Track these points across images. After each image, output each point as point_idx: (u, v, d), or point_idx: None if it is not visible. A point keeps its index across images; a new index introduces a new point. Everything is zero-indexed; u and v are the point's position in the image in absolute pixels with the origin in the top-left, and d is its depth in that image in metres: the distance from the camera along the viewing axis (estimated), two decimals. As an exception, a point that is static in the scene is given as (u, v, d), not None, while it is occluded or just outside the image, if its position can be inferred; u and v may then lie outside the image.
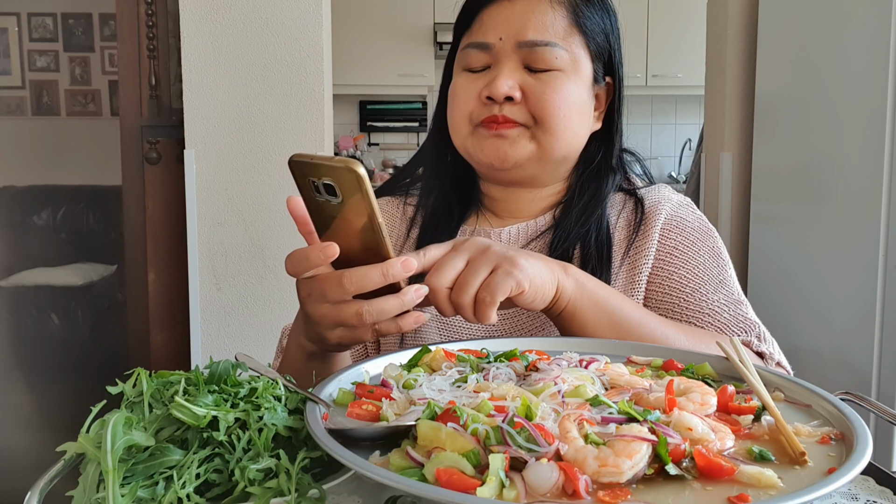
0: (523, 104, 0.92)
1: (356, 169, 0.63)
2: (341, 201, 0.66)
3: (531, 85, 0.92)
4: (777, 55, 2.51)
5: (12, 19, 4.44)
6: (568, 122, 0.93)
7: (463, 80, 0.97)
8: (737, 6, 2.69)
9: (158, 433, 0.54)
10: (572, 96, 0.93)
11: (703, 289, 0.94)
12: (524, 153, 0.93)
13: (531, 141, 0.93)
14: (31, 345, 3.53)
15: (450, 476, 0.44)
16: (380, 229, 0.67)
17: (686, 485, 0.46)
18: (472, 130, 0.95)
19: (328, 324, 0.72)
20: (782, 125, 2.48)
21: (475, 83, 0.95)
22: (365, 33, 4.26)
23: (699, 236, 0.99)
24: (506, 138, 0.93)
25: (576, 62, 0.94)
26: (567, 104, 0.93)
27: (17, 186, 4.07)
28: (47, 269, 3.76)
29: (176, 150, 2.43)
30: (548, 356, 0.69)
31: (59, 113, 4.50)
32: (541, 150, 0.94)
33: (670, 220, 0.99)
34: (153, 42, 2.44)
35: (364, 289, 0.68)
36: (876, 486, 0.56)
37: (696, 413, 0.53)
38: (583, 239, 0.96)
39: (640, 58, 4.65)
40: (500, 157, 0.93)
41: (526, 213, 1.01)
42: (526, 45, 0.92)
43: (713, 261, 0.98)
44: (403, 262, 0.69)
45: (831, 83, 2.21)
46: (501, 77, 0.91)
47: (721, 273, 0.97)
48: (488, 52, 0.94)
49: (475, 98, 0.94)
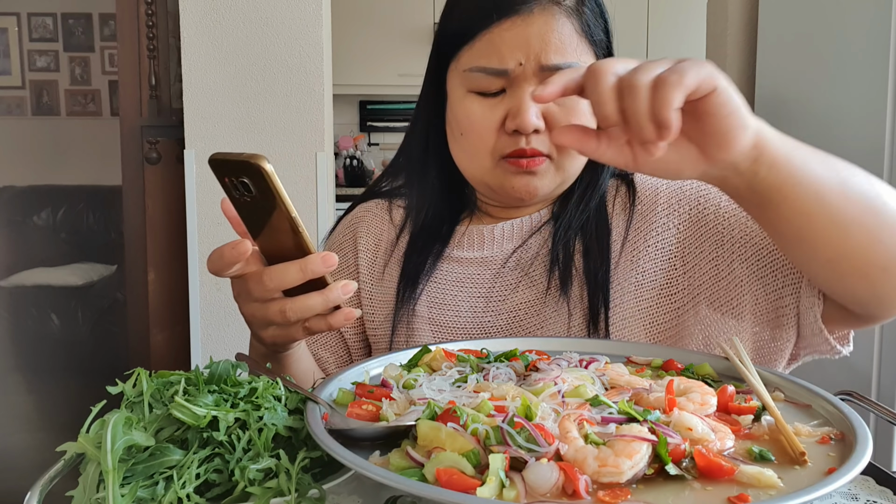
0: (546, 132, 0.87)
1: (260, 163, 0.61)
2: (257, 198, 0.64)
3: (555, 114, 0.87)
4: (777, 55, 2.51)
5: (12, 19, 4.44)
6: None
7: (477, 107, 0.89)
8: (737, 6, 2.69)
9: (158, 433, 0.54)
10: (589, 114, 0.88)
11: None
12: (552, 185, 0.90)
13: (557, 172, 0.89)
14: (31, 345, 3.53)
15: (450, 476, 0.44)
16: (296, 224, 0.65)
17: (686, 485, 0.46)
18: (494, 164, 0.89)
19: (259, 322, 0.71)
20: (782, 125, 2.47)
21: (494, 112, 0.88)
22: (365, 33, 4.26)
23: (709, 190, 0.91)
24: (535, 174, 0.88)
25: None
26: (586, 123, 0.89)
27: (17, 186, 4.07)
28: (47, 269, 3.76)
29: (176, 150, 2.43)
30: (548, 356, 0.70)
31: (59, 113, 4.50)
32: (564, 175, 0.91)
33: (674, 193, 0.92)
34: (153, 42, 2.44)
35: (285, 285, 0.67)
36: (876, 486, 0.56)
37: (696, 413, 0.53)
38: (583, 228, 0.92)
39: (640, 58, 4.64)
40: (531, 192, 0.89)
41: (523, 210, 0.97)
42: (549, 69, 0.85)
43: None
44: (324, 256, 0.67)
45: (831, 83, 2.21)
46: (528, 108, 0.85)
47: None
48: (505, 78, 0.87)
49: (496, 129, 0.88)
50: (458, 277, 0.94)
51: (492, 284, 0.92)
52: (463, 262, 0.95)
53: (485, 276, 0.93)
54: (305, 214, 2.28)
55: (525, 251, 0.93)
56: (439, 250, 0.96)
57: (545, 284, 0.90)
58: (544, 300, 0.89)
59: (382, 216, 1.03)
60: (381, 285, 0.98)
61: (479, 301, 0.92)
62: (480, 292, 0.92)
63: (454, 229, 0.98)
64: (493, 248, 0.94)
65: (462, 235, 0.97)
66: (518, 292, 0.91)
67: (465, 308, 0.92)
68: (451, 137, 0.94)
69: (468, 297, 0.93)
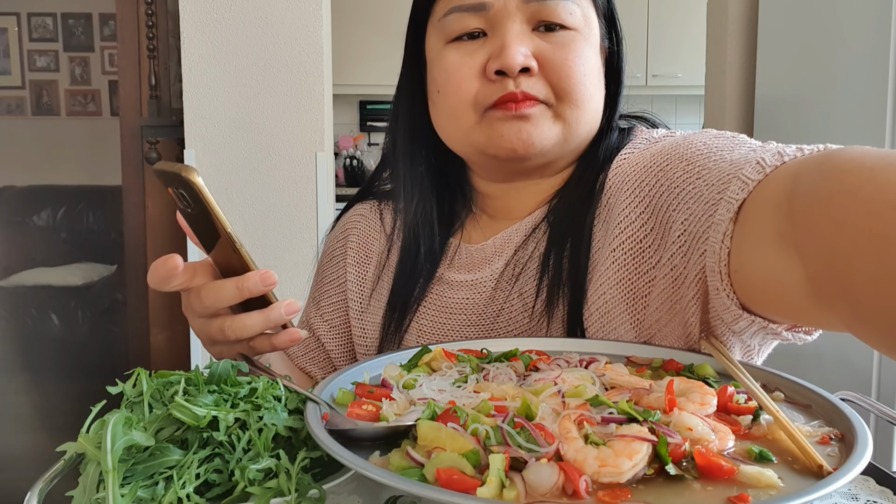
0: (540, 75, 0.76)
1: (189, 176, 0.58)
2: (196, 210, 0.62)
3: (547, 51, 0.75)
4: (777, 55, 2.51)
5: (12, 19, 4.44)
6: (591, 93, 0.78)
7: (455, 55, 0.78)
8: (737, 6, 2.69)
9: (158, 433, 0.54)
10: (591, 61, 0.78)
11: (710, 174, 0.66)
12: (551, 136, 0.77)
13: (556, 121, 0.77)
14: (31, 345, 3.53)
15: (450, 476, 0.44)
16: (231, 239, 0.62)
17: (686, 485, 0.46)
18: (479, 118, 0.78)
19: (204, 338, 0.69)
20: (782, 125, 2.48)
21: (473, 57, 0.77)
22: (365, 33, 4.26)
23: (665, 150, 0.75)
24: (528, 119, 0.75)
25: (587, 20, 0.78)
26: (588, 71, 0.77)
27: (17, 186, 4.07)
28: (47, 269, 3.76)
29: (176, 150, 2.43)
30: (548, 356, 0.69)
31: (59, 113, 4.50)
32: (567, 129, 0.78)
33: (614, 168, 0.79)
34: (153, 42, 2.44)
35: (221, 302, 0.64)
36: (876, 487, 0.56)
37: (696, 413, 0.53)
38: (575, 230, 0.79)
39: (640, 58, 4.64)
40: (525, 141, 0.76)
41: (524, 209, 0.86)
42: (535, 0, 0.75)
43: (701, 148, 0.71)
44: (263, 275, 0.63)
45: (831, 83, 2.21)
46: (512, 43, 0.74)
47: (728, 144, 0.70)
48: (482, 15, 0.76)
49: (477, 75, 0.77)
50: (448, 303, 0.85)
51: (483, 310, 0.83)
52: (454, 285, 0.85)
53: (476, 300, 0.84)
54: (305, 214, 2.28)
55: (515, 264, 0.83)
56: (430, 271, 0.87)
57: (532, 298, 0.80)
58: (531, 313, 0.81)
59: (374, 222, 0.95)
60: (371, 303, 0.91)
61: (471, 330, 0.84)
62: (471, 319, 0.84)
63: (447, 242, 0.88)
64: (483, 269, 0.85)
65: (454, 254, 0.87)
66: (507, 308, 0.82)
67: (455, 338, 0.84)
68: (432, 106, 0.83)
69: (459, 324, 0.84)
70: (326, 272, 0.98)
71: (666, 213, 0.72)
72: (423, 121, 0.86)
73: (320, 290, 0.98)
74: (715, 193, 0.64)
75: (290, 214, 2.28)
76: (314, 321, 0.97)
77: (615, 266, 0.75)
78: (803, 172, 0.52)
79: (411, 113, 0.87)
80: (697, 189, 0.67)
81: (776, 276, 0.54)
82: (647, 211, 0.74)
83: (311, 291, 1.01)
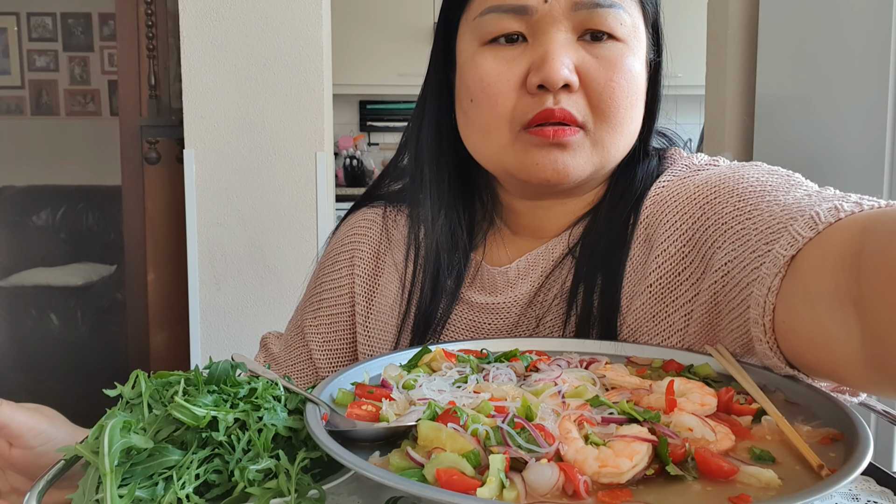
0: (581, 92, 0.70)
1: None
2: None
3: (591, 67, 0.70)
4: (777, 55, 2.51)
5: (12, 19, 4.44)
6: (631, 114, 0.73)
7: (491, 62, 0.71)
8: (737, 6, 2.69)
9: (157, 434, 0.54)
10: (636, 78, 0.72)
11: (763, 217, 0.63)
12: (587, 167, 0.72)
13: (594, 149, 0.72)
14: (31, 345, 3.53)
15: (450, 476, 0.44)
16: None
17: (686, 485, 0.46)
18: (514, 137, 0.72)
19: None
20: (782, 125, 2.48)
21: (512, 67, 0.70)
22: (365, 33, 4.26)
23: (712, 182, 0.72)
24: (566, 148, 0.70)
25: (636, 30, 0.73)
26: (633, 90, 0.72)
27: (17, 186, 4.07)
28: (47, 269, 3.75)
29: (176, 150, 2.43)
30: (548, 357, 0.69)
31: (59, 113, 4.50)
32: (604, 155, 0.73)
33: (652, 196, 0.76)
34: (153, 42, 2.44)
35: None
36: (877, 487, 0.56)
37: (696, 413, 0.53)
38: (606, 264, 0.74)
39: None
40: (560, 172, 0.71)
41: (550, 229, 0.81)
42: (584, 5, 0.69)
43: (754, 183, 0.68)
44: None
45: (831, 83, 2.21)
46: (557, 55, 0.68)
47: (782, 182, 0.67)
48: (524, 18, 0.70)
49: (516, 88, 0.70)
50: (470, 326, 0.81)
51: (507, 331, 0.80)
52: (476, 307, 0.81)
53: (499, 325, 0.80)
54: (305, 214, 2.28)
55: (543, 293, 0.79)
56: (454, 291, 0.81)
57: (560, 329, 0.77)
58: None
59: (383, 229, 0.89)
60: (379, 319, 0.87)
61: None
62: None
63: (469, 258, 0.83)
64: (507, 292, 0.80)
65: (476, 273, 0.82)
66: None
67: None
68: (461, 114, 0.77)
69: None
70: (328, 278, 0.92)
71: (710, 249, 0.69)
72: (449, 124, 0.81)
73: (319, 297, 0.92)
74: (763, 244, 0.61)
75: (289, 214, 2.28)
76: (308, 329, 0.92)
77: (652, 300, 0.72)
78: (874, 230, 0.49)
79: (438, 116, 0.81)
80: (746, 231, 0.64)
81: (827, 335, 0.52)
82: (689, 244, 0.71)
83: (306, 295, 0.95)
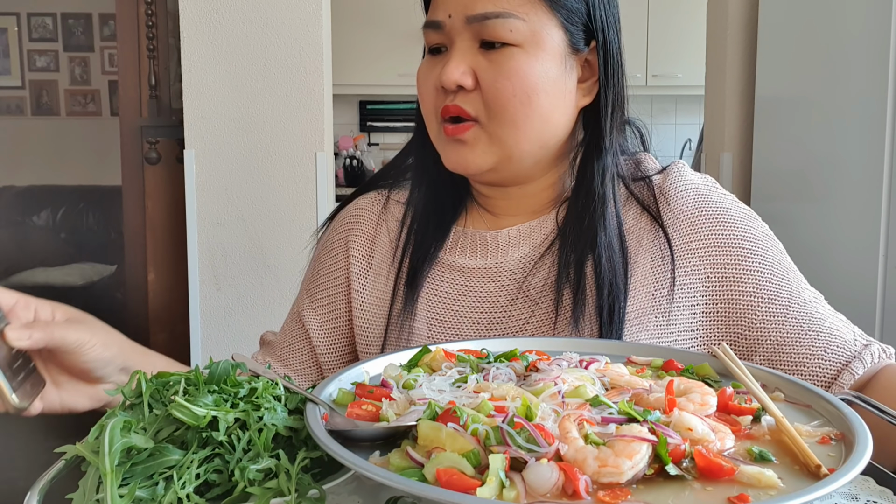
0: (477, 91, 0.81)
1: None
2: None
3: (483, 69, 0.80)
4: (777, 55, 2.51)
5: (12, 19, 4.44)
6: (529, 109, 0.80)
7: (424, 67, 0.86)
8: (737, 6, 2.69)
9: (158, 433, 0.54)
10: (533, 76, 0.80)
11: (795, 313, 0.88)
12: (487, 160, 0.82)
13: (492, 143, 0.82)
14: (30, 345, 3.52)
15: (450, 476, 0.44)
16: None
17: (686, 485, 0.46)
18: (439, 129, 0.84)
19: None
20: (782, 125, 2.48)
21: (432, 70, 0.83)
22: (365, 33, 4.26)
23: (754, 240, 0.86)
24: (465, 144, 0.82)
25: (536, 34, 0.80)
26: (526, 87, 0.80)
27: (17, 186, 4.07)
28: (47, 269, 3.75)
29: (176, 150, 2.43)
30: (548, 356, 0.69)
31: (59, 113, 4.50)
32: (505, 150, 0.82)
33: (716, 217, 0.86)
34: (153, 42, 2.44)
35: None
36: (876, 487, 0.56)
37: (696, 413, 0.53)
38: (592, 248, 0.82)
39: (640, 58, 4.64)
40: (461, 165, 0.83)
41: (523, 211, 0.89)
42: (475, 19, 0.79)
43: (780, 268, 0.88)
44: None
45: (831, 83, 2.21)
46: (452, 61, 0.80)
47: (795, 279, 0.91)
48: (441, 32, 0.82)
49: (434, 87, 0.83)
50: (458, 289, 0.88)
51: (495, 299, 0.86)
52: (463, 270, 0.88)
53: (488, 288, 0.86)
54: (305, 214, 2.28)
55: (534, 275, 0.85)
56: (434, 254, 0.89)
57: (553, 316, 0.83)
58: (552, 332, 0.83)
59: (378, 215, 0.96)
60: (375, 295, 0.92)
61: (483, 316, 0.85)
62: (483, 307, 0.86)
63: (450, 228, 0.91)
64: (496, 255, 0.87)
65: (460, 238, 0.90)
66: (526, 319, 0.84)
67: (466, 325, 0.86)
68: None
69: (471, 311, 0.86)
70: (323, 263, 0.97)
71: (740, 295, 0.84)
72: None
73: (315, 282, 0.97)
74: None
75: (289, 214, 2.28)
76: (306, 313, 0.96)
77: (652, 299, 0.83)
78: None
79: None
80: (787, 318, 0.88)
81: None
82: (717, 275, 0.84)
83: (304, 283, 1.00)
